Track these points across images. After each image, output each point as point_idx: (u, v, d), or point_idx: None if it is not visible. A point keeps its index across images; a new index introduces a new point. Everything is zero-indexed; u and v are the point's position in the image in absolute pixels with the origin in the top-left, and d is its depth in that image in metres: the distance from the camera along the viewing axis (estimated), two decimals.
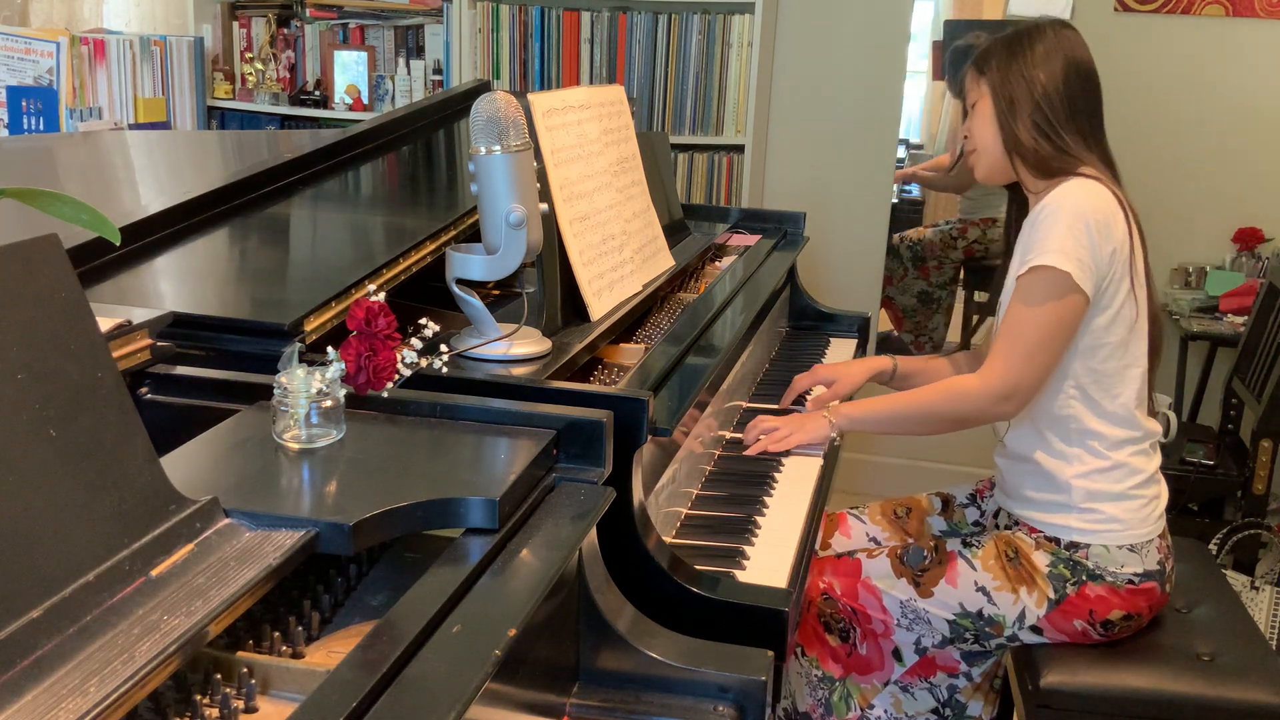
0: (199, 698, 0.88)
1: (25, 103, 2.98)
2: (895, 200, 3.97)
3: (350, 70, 3.60)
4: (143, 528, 0.89)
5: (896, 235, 4.03)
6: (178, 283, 1.54)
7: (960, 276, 4.11)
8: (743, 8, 3.22)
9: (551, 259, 1.61)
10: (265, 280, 1.60)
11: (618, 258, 1.79)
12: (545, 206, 1.46)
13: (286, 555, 0.92)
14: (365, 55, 3.59)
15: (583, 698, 1.14)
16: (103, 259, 1.49)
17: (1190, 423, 3.36)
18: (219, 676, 0.89)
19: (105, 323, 1.16)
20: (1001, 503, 1.89)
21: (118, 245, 1.25)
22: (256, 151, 2.49)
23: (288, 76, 3.67)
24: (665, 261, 1.99)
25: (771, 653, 1.16)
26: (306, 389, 1.11)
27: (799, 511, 1.64)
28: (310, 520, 0.96)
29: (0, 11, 3.22)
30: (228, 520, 0.96)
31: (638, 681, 1.14)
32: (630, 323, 1.78)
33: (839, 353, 2.43)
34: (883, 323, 4.03)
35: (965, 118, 1.85)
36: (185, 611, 0.83)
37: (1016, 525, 1.83)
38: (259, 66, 3.64)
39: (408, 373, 1.25)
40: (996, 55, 1.77)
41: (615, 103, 1.93)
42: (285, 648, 0.95)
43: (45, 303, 0.89)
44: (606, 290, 1.72)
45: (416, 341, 1.27)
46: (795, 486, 1.72)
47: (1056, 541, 1.75)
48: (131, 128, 3.25)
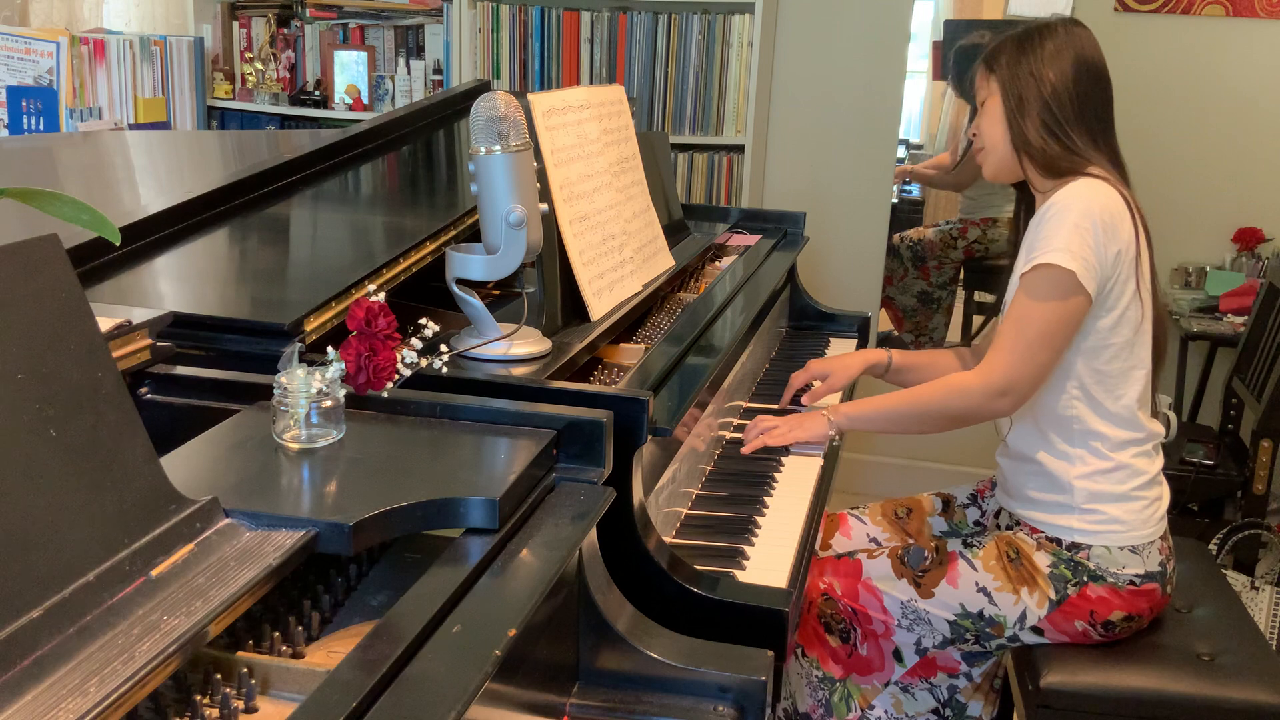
0: (199, 698, 0.88)
1: (25, 103, 2.98)
2: (895, 200, 3.97)
3: (350, 70, 3.60)
4: (143, 528, 0.89)
5: (896, 235, 4.02)
6: (178, 283, 1.54)
7: (960, 276, 4.10)
8: (743, 8, 3.22)
9: (551, 259, 1.61)
10: (265, 280, 1.60)
11: (618, 258, 1.79)
12: (545, 206, 1.46)
13: (286, 555, 0.92)
14: (365, 55, 3.59)
15: (583, 698, 1.14)
16: (103, 259, 1.49)
17: (1190, 423, 3.36)
18: (219, 676, 0.89)
19: (105, 323, 1.16)
20: (1003, 503, 1.89)
21: (118, 245, 1.25)
22: (256, 151, 2.48)
23: (288, 76, 3.67)
24: (665, 261, 1.99)
25: (771, 653, 1.16)
26: (306, 389, 1.11)
27: (799, 511, 1.64)
28: (310, 520, 0.96)
29: (0, 11, 3.22)
30: (228, 520, 0.96)
31: (638, 681, 1.14)
32: (630, 323, 1.78)
33: (839, 352, 2.42)
34: (883, 323, 4.03)
35: (973, 116, 1.85)
36: (185, 611, 0.83)
37: (1018, 525, 1.83)
38: (259, 66, 3.64)
39: (408, 373, 1.25)
40: (1006, 53, 1.76)
41: (615, 103, 1.93)
42: (285, 648, 0.95)
43: (45, 303, 0.89)
44: (606, 290, 1.72)
45: (416, 341, 1.27)
46: (795, 486, 1.72)
47: (1058, 542, 1.75)
48: (131, 128, 3.25)
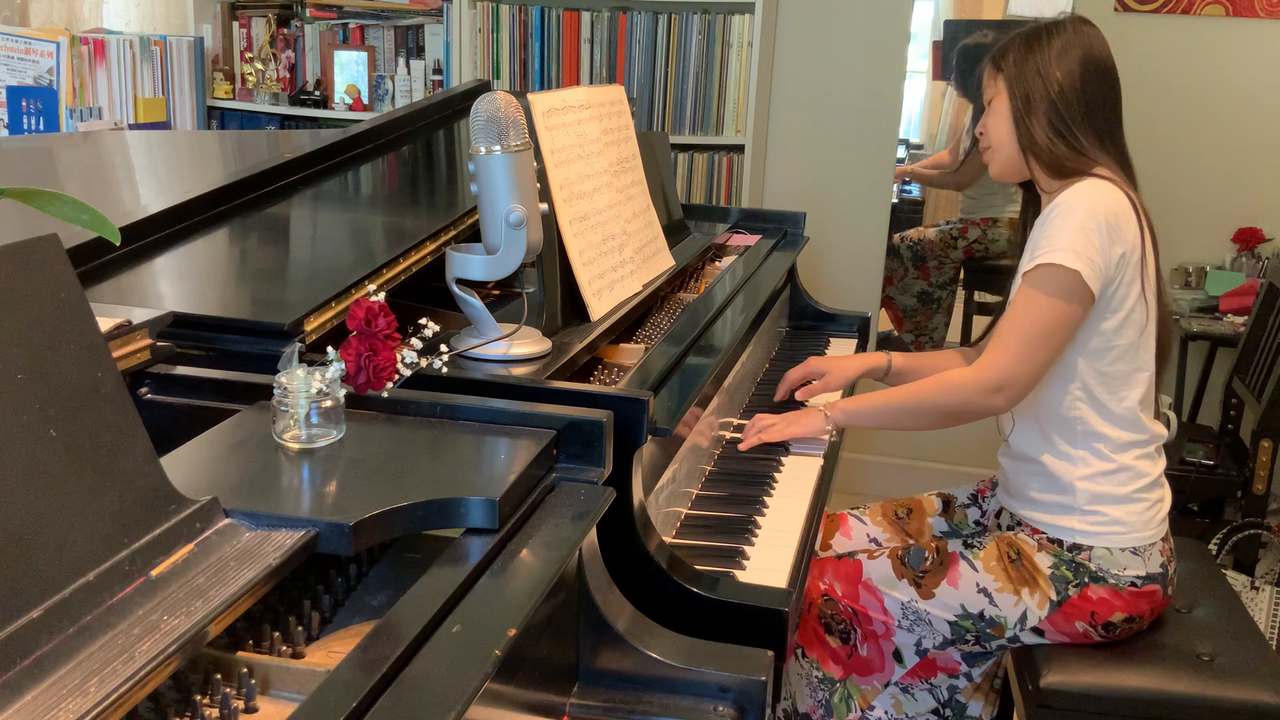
0: (199, 698, 0.88)
1: (25, 103, 2.98)
2: (895, 200, 3.97)
3: (350, 70, 3.60)
4: (143, 528, 0.89)
5: (897, 235, 4.03)
6: (178, 283, 1.54)
7: (960, 276, 4.10)
8: (743, 8, 3.22)
9: (551, 259, 1.61)
10: (265, 280, 1.60)
11: (618, 258, 1.79)
12: (545, 206, 1.46)
13: (286, 555, 0.92)
14: (365, 55, 3.59)
15: (583, 698, 1.14)
16: (103, 259, 1.49)
17: (1190, 423, 3.36)
18: (219, 676, 0.89)
19: (105, 323, 1.16)
20: (1004, 503, 1.88)
21: (118, 245, 1.25)
22: (256, 151, 2.48)
23: (288, 76, 3.67)
24: (665, 261, 1.99)
25: (771, 653, 1.16)
26: (306, 389, 1.10)
27: (799, 511, 1.64)
28: (310, 520, 0.96)
29: (0, 11, 3.22)
30: (228, 520, 0.96)
31: (638, 681, 1.14)
32: (630, 323, 1.78)
33: (838, 352, 2.43)
34: (883, 323, 4.03)
35: (976, 115, 1.84)
36: (185, 611, 0.83)
37: (1019, 526, 1.82)
38: (259, 66, 3.64)
39: (408, 373, 1.25)
40: (1014, 51, 1.75)
41: (615, 103, 1.93)
42: (285, 648, 0.95)
43: (45, 303, 0.89)
44: (606, 290, 1.72)
45: (416, 341, 1.27)
46: (795, 486, 1.72)
47: (1059, 543, 1.74)
48: (131, 128, 3.25)
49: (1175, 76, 3.35)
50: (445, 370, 1.29)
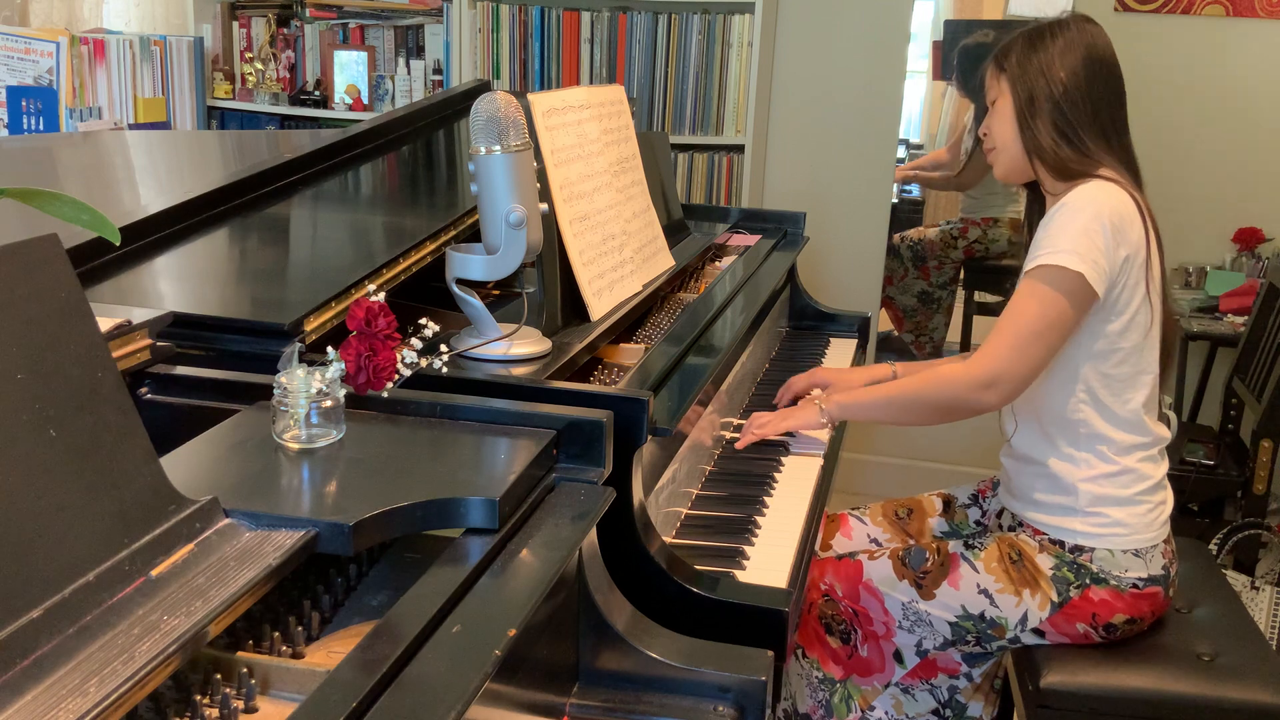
0: (199, 698, 0.87)
1: (25, 103, 2.98)
2: (895, 200, 3.97)
3: (350, 70, 3.60)
4: (143, 528, 0.89)
5: (897, 235, 4.03)
6: (178, 283, 1.54)
7: (960, 276, 4.10)
8: (743, 8, 3.22)
9: (551, 259, 1.61)
10: (265, 280, 1.60)
11: (618, 258, 1.79)
12: (545, 206, 1.46)
13: (286, 555, 0.92)
14: (365, 55, 3.59)
15: (583, 698, 1.14)
16: (103, 259, 1.49)
17: (1190, 423, 3.36)
18: (219, 676, 0.89)
19: (105, 323, 1.16)
20: (1006, 503, 1.88)
21: (118, 245, 1.25)
22: (256, 151, 2.48)
23: (288, 76, 3.67)
24: (665, 261, 1.99)
25: (771, 653, 1.16)
26: (306, 389, 1.10)
27: (799, 511, 1.64)
28: (310, 520, 0.96)
29: (0, 11, 3.22)
30: (228, 520, 0.96)
31: (638, 681, 1.14)
32: (630, 323, 1.78)
33: (839, 352, 2.43)
34: (883, 323, 4.03)
35: (979, 115, 1.84)
36: (185, 611, 0.83)
37: (1020, 527, 1.82)
38: (259, 66, 3.64)
39: (408, 373, 1.25)
40: (1017, 50, 1.74)
41: (615, 103, 1.93)
42: (285, 648, 0.95)
43: (45, 302, 0.89)
44: (606, 290, 1.72)
45: (416, 341, 1.27)
46: (795, 486, 1.72)
47: (1061, 544, 1.74)
48: (131, 128, 3.25)
49: (1175, 76, 3.35)
50: (445, 370, 1.29)
